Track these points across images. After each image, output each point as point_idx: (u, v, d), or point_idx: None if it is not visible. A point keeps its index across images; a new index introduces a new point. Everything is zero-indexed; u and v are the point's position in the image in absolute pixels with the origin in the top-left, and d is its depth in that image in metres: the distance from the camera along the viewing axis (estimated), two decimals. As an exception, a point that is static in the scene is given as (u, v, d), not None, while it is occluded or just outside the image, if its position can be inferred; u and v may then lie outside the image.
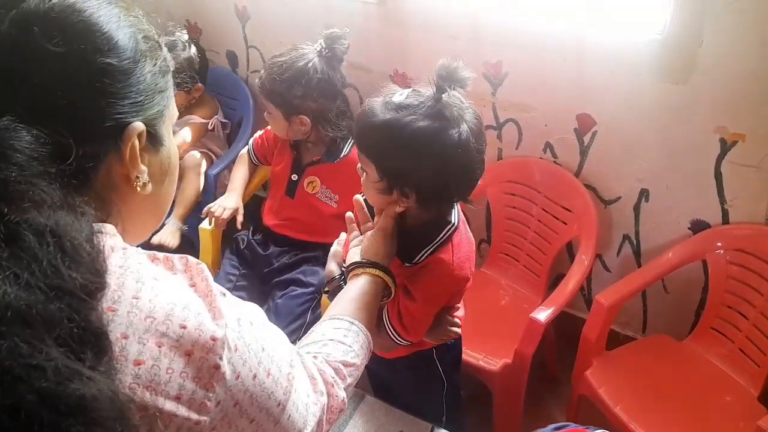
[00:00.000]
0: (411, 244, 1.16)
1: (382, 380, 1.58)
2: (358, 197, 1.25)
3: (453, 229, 1.16)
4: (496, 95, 1.90)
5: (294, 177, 1.90)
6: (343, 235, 1.32)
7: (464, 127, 1.06)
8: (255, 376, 0.64)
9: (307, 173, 1.88)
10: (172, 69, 0.72)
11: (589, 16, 1.65)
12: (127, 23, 0.65)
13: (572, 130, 1.83)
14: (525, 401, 1.76)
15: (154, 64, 0.67)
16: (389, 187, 1.11)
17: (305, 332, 1.75)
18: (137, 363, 0.54)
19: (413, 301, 1.16)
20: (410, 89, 1.09)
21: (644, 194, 1.81)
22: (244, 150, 2.05)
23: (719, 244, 1.72)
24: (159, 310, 0.57)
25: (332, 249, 1.31)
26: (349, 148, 1.85)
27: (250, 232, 1.97)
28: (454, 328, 1.29)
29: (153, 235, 0.81)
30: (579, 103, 1.78)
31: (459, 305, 1.32)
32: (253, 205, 2.11)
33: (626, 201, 1.85)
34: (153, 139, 0.68)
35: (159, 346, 0.56)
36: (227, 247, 2.01)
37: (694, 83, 1.58)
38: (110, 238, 0.61)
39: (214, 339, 0.59)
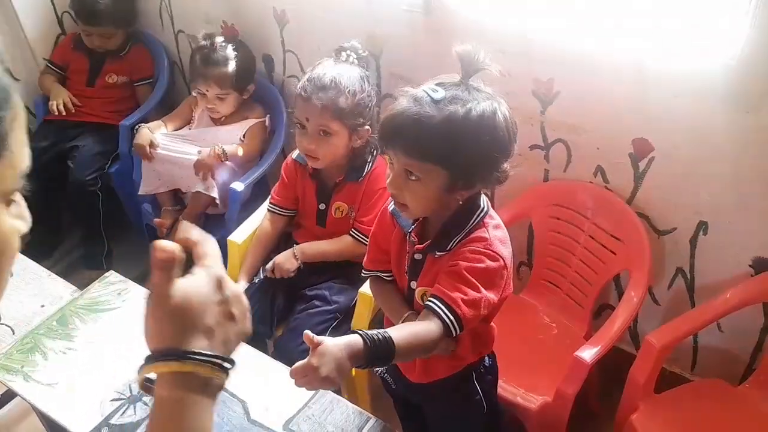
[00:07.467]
0: (442, 236, 1.16)
1: (412, 411, 1.50)
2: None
3: (484, 213, 1.17)
4: (545, 114, 1.79)
5: (322, 206, 1.81)
6: None
7: (500, 99, 1.10)
8: None
9: (333, 200, 1.79)
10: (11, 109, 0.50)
11: (650, 40, 1.52)
12: None
13: (627, 154, 1.70)
14: (563, 440, 1.65)
15: None
16: (454, 185, 1.09)
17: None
18: None
19: (463, 265, 1.10)
20: (433, 84, 1.09)
21: (702, 227, 1.68)
22: (264, 218, 1.88)
23: (784, 286, 1.59)
24: None
25: None
26: (372, 164, 1.76)
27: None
28: None
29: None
30: (636, 127, 1.66)
31: None
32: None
33: (682, 232, 1.72)
34: None
35: None
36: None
37: (768, 112, 1.45)
38: None
39: None
